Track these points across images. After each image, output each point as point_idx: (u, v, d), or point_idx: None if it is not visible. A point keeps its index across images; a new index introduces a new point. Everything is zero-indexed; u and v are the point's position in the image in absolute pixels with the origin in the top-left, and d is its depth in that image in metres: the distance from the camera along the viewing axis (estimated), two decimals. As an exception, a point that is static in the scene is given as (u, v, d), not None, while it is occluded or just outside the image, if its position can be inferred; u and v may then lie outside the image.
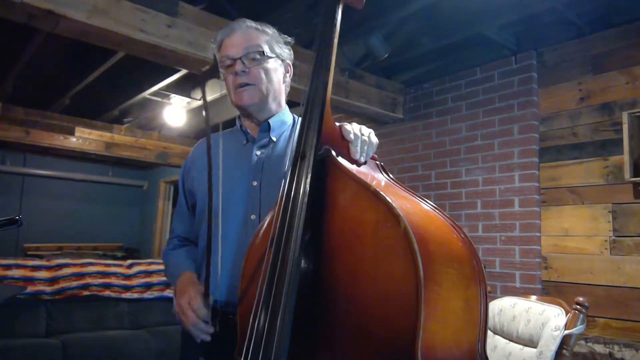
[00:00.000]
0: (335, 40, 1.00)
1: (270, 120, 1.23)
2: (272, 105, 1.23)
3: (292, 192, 0.86)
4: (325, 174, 0.86)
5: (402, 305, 0.69)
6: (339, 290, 0.78)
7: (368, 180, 0.80)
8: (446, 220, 0.80)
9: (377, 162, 0.95)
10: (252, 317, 0.83)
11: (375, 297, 0.73)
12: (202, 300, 1.05)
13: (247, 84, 1.17)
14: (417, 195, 0.85)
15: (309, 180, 0.85)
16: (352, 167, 0.85)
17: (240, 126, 1.26)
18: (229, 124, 1.35)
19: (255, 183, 1.16)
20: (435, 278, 0.70)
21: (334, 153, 0.87)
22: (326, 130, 0.91)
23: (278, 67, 1.22)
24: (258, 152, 1.21)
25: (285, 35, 1.26)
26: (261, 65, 1.17)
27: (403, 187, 0.88)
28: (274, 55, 1.20)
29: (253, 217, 1.14)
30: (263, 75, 1.18)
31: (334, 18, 0.97)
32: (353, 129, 0.95)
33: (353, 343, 0.75)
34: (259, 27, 1.21)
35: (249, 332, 0.83)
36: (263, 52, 1.18)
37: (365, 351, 0.73)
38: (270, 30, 1.23)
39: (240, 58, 1.15)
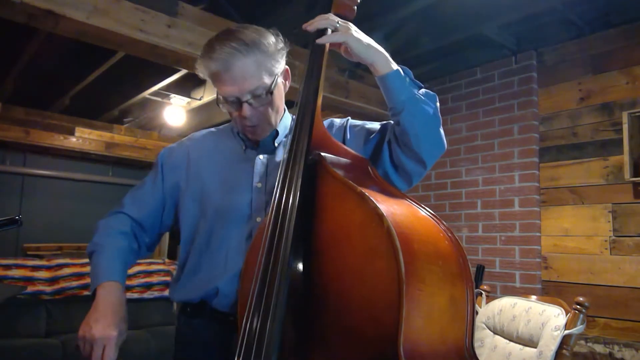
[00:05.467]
0: (327, 48, 1.04)
1: (278, 128, 1.19)
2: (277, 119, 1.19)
3: (284, 196, 0.89)
4: (316, 177, 0.89)
5: (386, 301, 0.71)
6: (329, 290, 0.81)
7: (356, 183, 0.82)
8: (433, 220, 0.83)
9: (370, 167, 0.97)
10: (245, 317, 0.85)
11: (362, 295, 0.76)
12: (116, 347, 0.98)
13: (257, 125, 1.12)
14: (407, 197, 0.87)
15: (300, 183, 0.88)
16: (342, 171, 0.88)
17: (238, 133, 1.21)
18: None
19: (259, 185, 1.14)
20: (419, 275, 0.72)
21: (324, 157, 0.91)
22: (317, 135, 0.95)
23: (280, 85, 1.14)
24: (261, 157, 1.17)
25: (280, 38, 1.13)
26: (268, 101, 1.10)
27: (394, 189, 0.91)
28: (276, 81, 1.10)
29: (258, 219, 1.10)
30: (270, 110, 1.12)
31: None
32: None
33: (343, 341, 0.77)
34: (255, 50, 1.05)
35: (241, 332, 0.85)
36: (269, 90, 1.08)
37: (355, 349, 0.76)
38: (264, 40, 1.08)
39: (247, 101, 1.07)
